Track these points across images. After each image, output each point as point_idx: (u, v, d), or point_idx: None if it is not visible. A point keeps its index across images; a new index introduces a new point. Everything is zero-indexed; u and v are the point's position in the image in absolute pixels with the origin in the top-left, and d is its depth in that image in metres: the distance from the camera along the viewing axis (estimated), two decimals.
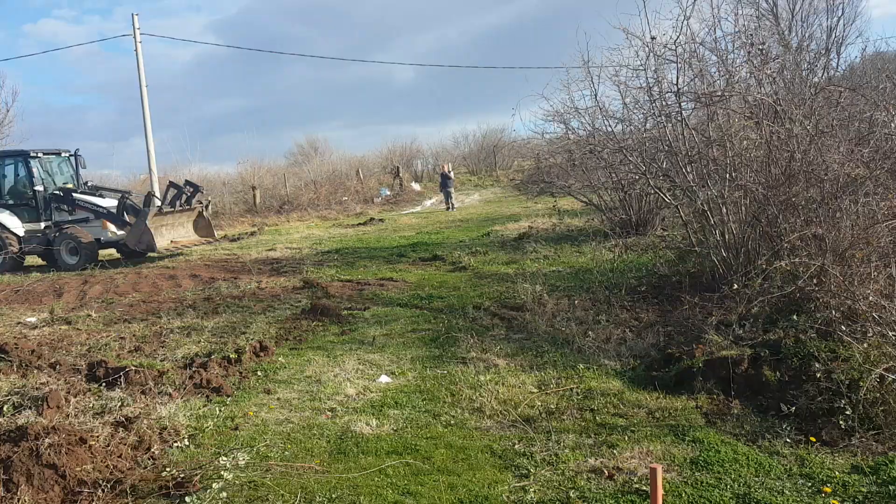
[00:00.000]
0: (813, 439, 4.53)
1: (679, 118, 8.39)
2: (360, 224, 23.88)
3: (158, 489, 4.35)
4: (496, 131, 47.61)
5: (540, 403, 5.52)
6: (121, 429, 5.09)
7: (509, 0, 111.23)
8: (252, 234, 23.02)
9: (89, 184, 19.16)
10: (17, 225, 17.21)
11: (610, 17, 13.40)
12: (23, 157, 17.54)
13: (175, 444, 5.05)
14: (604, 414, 5.24)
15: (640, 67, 8.96)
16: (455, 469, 4.49)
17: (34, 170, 17.41)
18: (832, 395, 4.71)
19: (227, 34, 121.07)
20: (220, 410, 5.75)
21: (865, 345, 4.82)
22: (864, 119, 7.58)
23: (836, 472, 4.10)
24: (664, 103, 8.82)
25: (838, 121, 7.50)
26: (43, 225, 17.40)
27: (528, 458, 4.56)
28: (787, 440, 4.57)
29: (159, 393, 5.97)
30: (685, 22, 8.22)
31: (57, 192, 17.58)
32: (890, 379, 4.50)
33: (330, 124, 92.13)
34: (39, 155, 17.75)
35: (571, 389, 5.77)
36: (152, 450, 4.88)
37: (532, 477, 4.30)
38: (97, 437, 4.85)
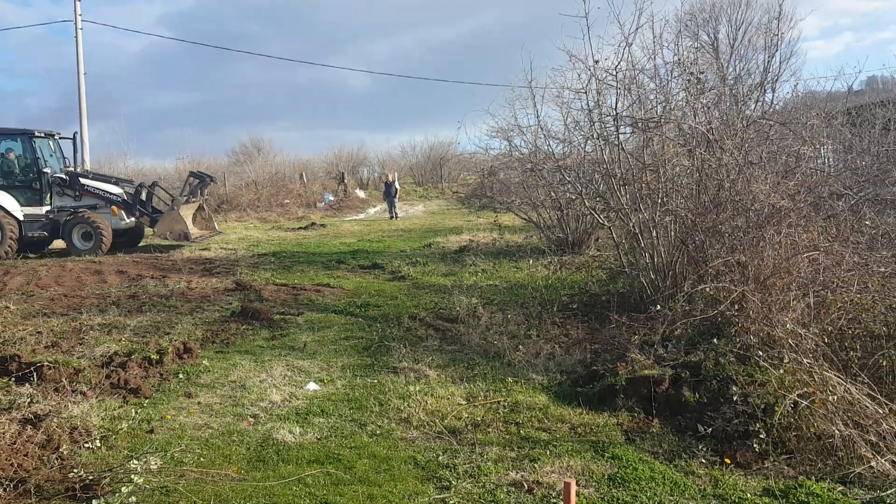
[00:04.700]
0: (728, 461, 4.64)
1: (616, 142, 8.59)
2: (300, 228, 23.56)
3: (64, 490, 4.18)
4: (444, 144, 47.76)
5: (467, 415, 5.52)
6: (29, 426, 4.89)
7: (467, 16, 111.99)
8: None
9: (79, 169, 18.53)
10: (16, 208, 16.30)
11: (554, 39, 13.62)
12: (27, 136, 16.69)
13: (85, 445, 4.85)
14: (528, 428, 5.28)
15: (582, 90, 9.14)
16: (376, 480, 4.45)
17: (38, 151, 16.65)
18: (748, 419, 4.85)
19: (179, 28, 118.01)
20: (136, 412, 5.56)
21: (781, 371, 4.98)
22: (792, 153, 7.90)
23: (748, 494, 4.20)
24: (603, 126, 9.02)
25: (767, 153, 7.80)
26: (45, 209, 16.62)
27: (450, 470, 4.55)
28: (703, 461, 4.68)
29: (73, 391, 5.75)
30: (627, 49, 8.44)
31: (62, 175, 16.88)
32: (803, 405, 4.66)
33: (278, 125, 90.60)
34: (42, 135, 17.00)
35: (499, 402, 5.79)
36: (61, 449, 4.70)
37: (453, 489, 4.29)
38: (3, 433, 4.67)
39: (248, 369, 6.84)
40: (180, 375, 6.60)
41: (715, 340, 5.79)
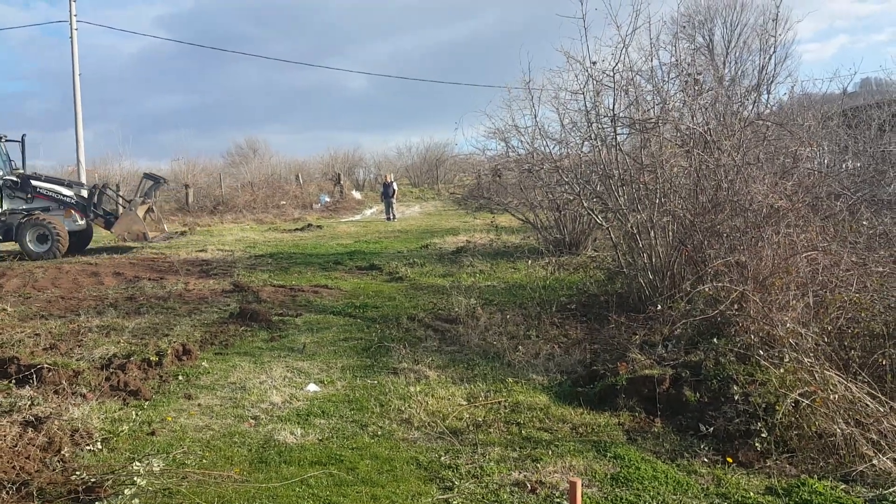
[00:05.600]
0: (730, 460, 4.66)
1: (614, 143, 8.61)
2: (297, 229, 23.51)
3: (67, 493, 4.18)
4: (440, 145, 47.74)
5: (468, 416, 5.53)
6: (30, 429, 4.88)
7: (466, 18, 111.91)
8: (182, 233, 22.32)
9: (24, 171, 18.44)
10: None
11: (553, 41, 13.64)
12: None
13: (87, 448, 4.84)
14: (529, 428, 5.29)
15: (579, 91, 9.17)
16: (379, 480, 4.44)
17: None
18: (749, 418, 4.86)
19: (178, 29, 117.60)
20: (136, 414, 5.55)
21: (782, 370, 5.00)
22: (789, 154, 7.94)
23: (751, 493, 4.21)
24: (600, 127, 9.04)
25: (765, 154, 7.84)
26: None
27: (453, 471, 4.55)
28: (705, 460, 4.70)
29: (73, 393, 5.73)
30: (624, 50, 8.46)
31: (12, 177, 16.84)
32: (804, 404, 4.68)
33: (275, 127, 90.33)
34: None
35: (499, 403, 5.80)
36: (62, 452, 4.68)
37: (456, 489, 4.29)
38: (4, 436, 4.66)
39: (248, 371, 6.82)
40: (180, 377, 6.58)
41: (715, 340, 5.81)
